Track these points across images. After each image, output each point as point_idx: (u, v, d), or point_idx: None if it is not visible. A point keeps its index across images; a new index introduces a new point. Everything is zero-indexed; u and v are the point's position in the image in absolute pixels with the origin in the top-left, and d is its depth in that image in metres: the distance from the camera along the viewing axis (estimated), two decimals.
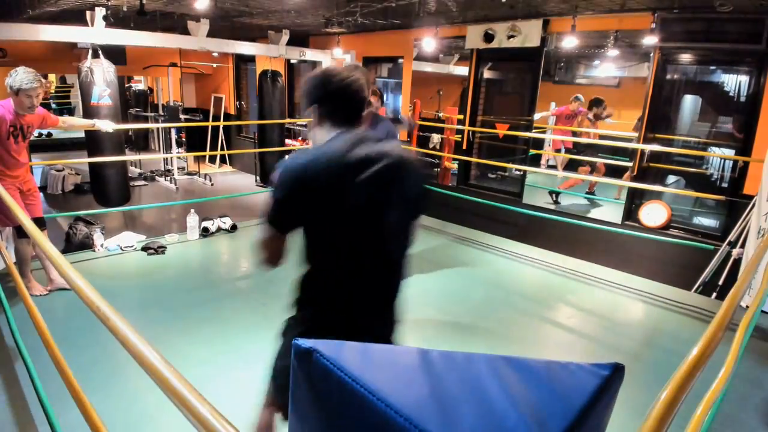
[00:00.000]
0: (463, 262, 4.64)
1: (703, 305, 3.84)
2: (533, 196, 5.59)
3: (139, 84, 11.52)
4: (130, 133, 9.81)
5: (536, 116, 5.57)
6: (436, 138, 7.03)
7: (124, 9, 4.99)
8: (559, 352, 3.19)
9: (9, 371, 2.60)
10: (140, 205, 6.74)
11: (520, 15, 4.97)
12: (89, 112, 4.69)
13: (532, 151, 6.00)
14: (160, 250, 4.44)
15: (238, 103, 9.78)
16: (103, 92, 4.66)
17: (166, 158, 8.84)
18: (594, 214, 5.39)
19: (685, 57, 4.57)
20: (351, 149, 1.24)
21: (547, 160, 7.03)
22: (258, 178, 8.18)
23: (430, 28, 5.79)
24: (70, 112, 12.14)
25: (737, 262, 3.74)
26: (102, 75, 4.66)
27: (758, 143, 3.90)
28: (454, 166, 6.29)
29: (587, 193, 5.78)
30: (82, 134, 6.20)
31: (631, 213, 4.70)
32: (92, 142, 4.91)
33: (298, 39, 7.05)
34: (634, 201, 4.71)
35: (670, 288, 4.13)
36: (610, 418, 0.75)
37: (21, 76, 2.92)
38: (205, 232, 4.94)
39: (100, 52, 4.70)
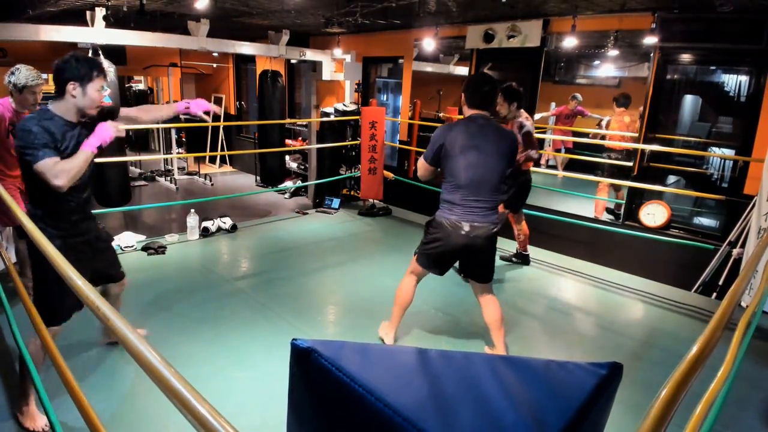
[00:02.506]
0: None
1: (703, 305, 3.84)
2: (533, 196, 5.57)
3: (140, 84, 11.50)
4: (130, 133, 9.80)
5: (537, 116, 5.56)
6: None
7: (124, 9, 4.99)
8: (558, 352, 3.19)
9: (10, 371, 2.60)
10: (140, 205, 6.74)
11: (520, 15, 4.97)
12: None
13: None
14: (160, 250, 4.45)
15: (238, 103, 9.79)
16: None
17: (167, 158, 8.85)
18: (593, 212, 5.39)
19: (685, 57, 4.57)
20: None
21: (547, 160, 7.03)
22: (258, 178, 8.18)
23: (430, 28, 5.79)
24: None
25: (737, 262, 3.75)
26: None
27: (758, 143, 3.91)
28: None
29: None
30: None
31: (631, 213, 4.70)
32: None
33: (298, 39, 7.05)
34: (634, 201, 4.70)
35: (670, 288, 4.14)
36: (609, 417, 0.75)
37: (24, 73, 2.92)
38: (205, 232, 4.95)
39: (100, 52, 4.70)
